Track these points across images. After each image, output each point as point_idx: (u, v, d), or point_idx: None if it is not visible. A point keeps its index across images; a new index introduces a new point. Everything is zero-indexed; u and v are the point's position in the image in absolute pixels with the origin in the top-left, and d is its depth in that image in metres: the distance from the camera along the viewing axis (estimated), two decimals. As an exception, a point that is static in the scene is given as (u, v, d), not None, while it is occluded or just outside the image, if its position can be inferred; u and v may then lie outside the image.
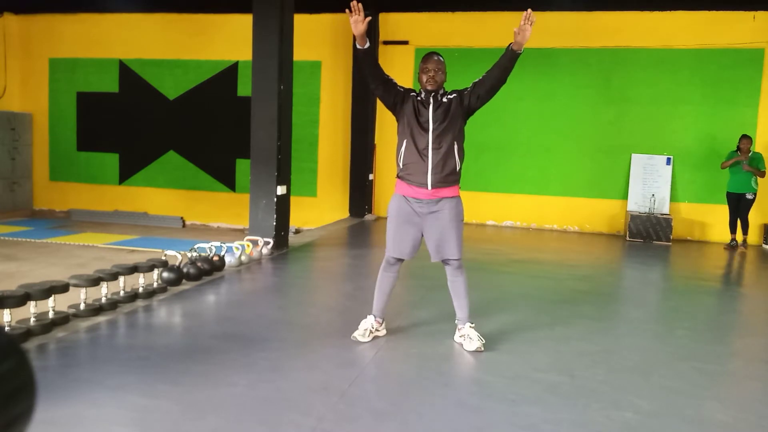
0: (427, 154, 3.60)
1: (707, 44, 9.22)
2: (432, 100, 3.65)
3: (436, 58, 3.67)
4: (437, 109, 3.63)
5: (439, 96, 3.67)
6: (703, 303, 5.53)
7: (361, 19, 3.47)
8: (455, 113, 3.64)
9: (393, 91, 3.68)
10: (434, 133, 3.60)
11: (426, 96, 3.67)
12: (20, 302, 3.52)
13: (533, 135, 9.98)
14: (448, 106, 3.64)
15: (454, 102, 3.65)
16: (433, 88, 3.65)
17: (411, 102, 3.66)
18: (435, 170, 3.59)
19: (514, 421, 2.77)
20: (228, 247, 5.88)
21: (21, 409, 0.91)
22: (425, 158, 3.60)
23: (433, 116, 3.61)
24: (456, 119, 3.65)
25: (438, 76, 3.64)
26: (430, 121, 3.61)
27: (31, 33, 11.87)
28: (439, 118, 3.61)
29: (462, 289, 3.74)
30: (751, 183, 8.37)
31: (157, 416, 2.68)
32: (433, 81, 3.63)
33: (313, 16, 10.32)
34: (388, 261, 3.81)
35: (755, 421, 2.90)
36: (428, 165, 3.60)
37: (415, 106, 3.65)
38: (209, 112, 11.18)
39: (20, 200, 11.87)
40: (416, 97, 3.68)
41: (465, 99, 3.66)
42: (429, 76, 3.63)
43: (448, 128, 3.62)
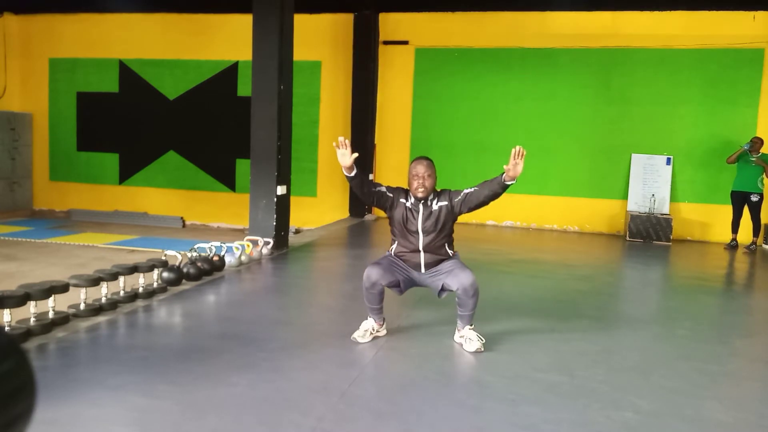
0: (419, 251, 3.74)
1: (707, 44, 9.22)
2: (422, 207, 3.71)
3: (426, 163, 3.71)
4: (427, 220, 3.69)
5: (429, 202, 3.72)
6: (703, 303, 5.53)
7: (348, 153, 3.62)
8: (446, 219, 3.73)
9: (383, 198, 3.80)
10: (425, 241, 3.71)
11: (415, 202, 3.72)
12: (20, 302, 3.52)
13: (533, 135, 9.98)
14: (437, 216, 3.70)
15: (444, 210, 3.71)
16: (424, 195, 3.69)
17: (401, 209, 3.73)
18: (427, 260, 3.75)
19: (514, 421, 2.77)
20: (228, 247, 5.89)
21: (21, 409, 0.91)
22: (417, 254, 3.74)
23: (423, 227, 3.70)
24: (446, 224, 3.75)
25: (428, 182, 3.68)
26: (419, 231, 3.71)
27: (31, 33, 11.87)
28: (429, 229, 3.70)
29: (471, 306, 3.67)
30: (757, 183, 8.36)
31: (157, 416, 2.69)
32: (423, 188, 3.67)
33: (313, 16, 10.32)
34: (369, 278, 3.67)
35: (755, 421, 2.90)
36: (421, 258, 3.75)
37: (405, 215, 3.72)
38: (209, 112, 11.18)
39: (20, 200, 11.87)
40: (405, 204, 3.74)
41: (456, 207, 3.73)
42: (419, 182, 3.67)
43: (439, 232, 3.72)
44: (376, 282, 3.67)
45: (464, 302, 3.66)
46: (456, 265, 3.72)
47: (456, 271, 3.67)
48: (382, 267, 3.71)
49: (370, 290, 3.70)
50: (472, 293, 3.61)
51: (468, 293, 3.61)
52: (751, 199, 8.42)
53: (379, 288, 3.70)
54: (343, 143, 3.62)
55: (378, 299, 3.74)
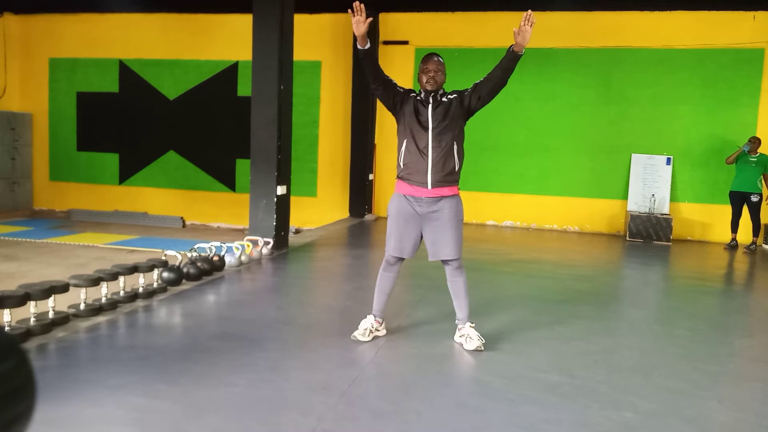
0: (427, 152, 3.61)
1: (707, 44, 9.22)
2: (432, 100, 3.66)
3: (436, 59, 3.67)
4: (437, 108, 3.64)
5: (438, 96, 3.68)
6: (703, 303, 5.53)
7: (362, 19, 3.48)
8: (455, 113, 3.65)
9: (393, 91, 3.69)
10: (434, 132, 3.61)
11: (426, 96, 3.68)
12: (20, 302, 3.52)
13: (533, 135, 9.98)
14: (448, 106, 3.65)
15: (455, 102, 3.66)
16: (433, 88, 3.65)
17: (411, 102, 3.67)
18: (435, 169, 3.60)
19: (514, 421, 2.77)
20: (228, 247, 5.88)
21: (21, 409, 0.91)
22: (425, 157, 3.61)
23: (433, 115, 3.62)
24: (456, 119, 3.65)
25: (438, 76, 3.65)
26: (429, 120, 3.62)
27: (31, 33, 11.87)
28: (439, 117, 3.62)
29: (462, 289, 3.74)
30: (756, 183, 8.36)
31: (157, 416, 2.68)
32: (433, 81, 3.64)
33: (313, 16, 10.32)
34: (388, 261, 3.81)
35: (755, 421, 2.90)
36: (428, 164, 3.61)
37: (415, 106, 3.66)
38: (209, 112, 11.18)
39: (20, 200, 11.87)
40: (416, 97, 3.69)
41: (465, 99, 3.66)
42: (429, 76, 3.64)
43: (448, 127, 3.62)
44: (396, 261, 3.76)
45: (454, 284, 3.74)
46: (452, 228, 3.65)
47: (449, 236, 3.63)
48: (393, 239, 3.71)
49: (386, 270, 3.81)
50: (457, 266, 3.69)
51: (453, 266, 3.69)
52: (750, 199, 8.42)
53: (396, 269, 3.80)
54: (358, 8, 3.48)
55: (390, 284, 3.82)
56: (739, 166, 8.50)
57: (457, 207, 3.70)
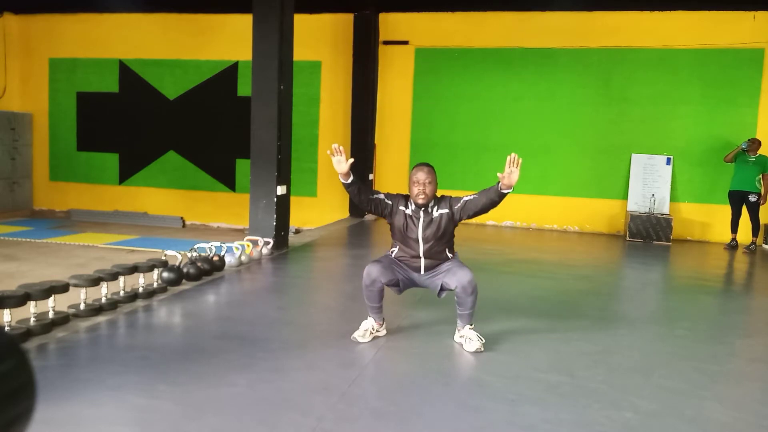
0: (419, 260, 3.75)
1: (707, 44, 9.22)
2: (422, 214, 3.70)
3: (427, 170, 3.69)
4: (427, 228, 3.68)
5: (429, 209, 3.71)
6: (703, 303, 5.53)
7: (344, 159, 3.59)
8: (446, 228, 3.72)
9: (381, 206, 3.77)
10: (425, 247, 3.71)
11: (416, 209, 3.71)
12: (20, 302, 3.52)
13: (533, 135, 9.98)
14: (438, 224, 3.69)
15: (445, 218, 3.70)
16: (424, 202, 3.68)
17: (401, 216, 3.71)
18: (427, 266, 3.76)
19: (514, 421, 2.77)
20: (228, 247, 5.89)
21: (21, 409, 0.91)
22: (418, 261, 3.75)
23: (423, 236, 3.70)
24: (446, 231, 3.74)
25: (429, 188, 3.67)
26: (420, 240, 3.70)
27: (31, 33, 11.87)
28: (430, 237, 3.69)
29: (470, 305, 3.68)
30: (755, 183, 8.36)
31: (157, 416, 2.68)
32: (424, 195, 3.66)
33: (313, 16, 10.32)
34: (369, 275, 3.68)
35: (755, 421, 2.90)
36: (421, 265, 3.76)
37: (406, 222, 3.70)
38: (209, 112, 11.18)
39: (20, 200, 11.87)
40: (405, 210, 3.72)
41: (456, 214, 3.73)
42: (420, 189, 3.65)
43: (439, 241, 3.72)
44: (376, 279, 3.67)
45: (463, 301, 3.66)
46: (455, 264, 3.75)
47: (454, 269, 3.68)
48: (383, 265, 3.72)
49: (369, 288, 3.71)
50: (471, 291, 3.62)
51: (467, 291, 3.61)
52: (749, 198, 8.42)
53: (378, 285, 3.70)
54: (337, 150, 3.60)
55: (378, 297, 3.75)
56: (738, 166, 8.50)
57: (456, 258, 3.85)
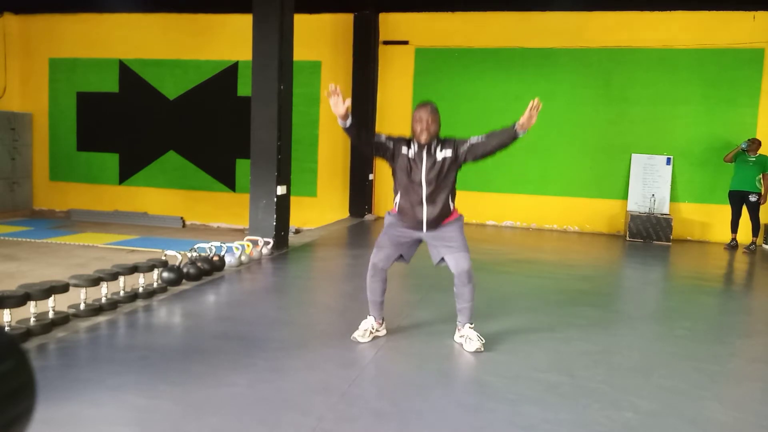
0: (422, 204, 3.65)
1: (707, 44, 9.22)
2: (425, 155, 3.62)
3: (430, 108, 3.62)
4: (431, 170, 3.61)
5: (432, 149, 3.63)
6: (703, 303, 5.53)
7: (341, 100, 3.49)
8: (449, 170, 3.65)
9: (382, 149, 3.70)
10: (428, 190, 3.63)
11: (419, 149, 3.63)
12: (20, 302, 3.52)
13: (533, 135, 9.89)
14: (441, 166, 3.62)
15: (449, 161, 3.63)
16: (427, 140, 3.61)
17: (403, 159, 3.65)
18: (429, 217, 3.67)
19: (514, 421, 2.77)
20: (228, 247, 5.88)
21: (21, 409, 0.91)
22: (420, 206, 3.65)
23: (426, 178, 3.61)
24: (449, 175, 3.67)
25: (431, 127, 3.59)
26: (423, 181, 3.62)
27: (31, 33, 11.87)
28: (433, 180, 3.62)
29: (468, 296, 3.70)
30: (755, 183, 8.35)
31: (157, 416, 2.68)
32: (427, 133, 3.59)
33: (313, 16, 10.32)
34: (375, 267, 3.75)
35: (755, 422, 2.90)
36: (423, 214, 3.66)
37: (408, 164, 3.64)
38: (209, 112, 11.18)
39: (20, 200, 11.86)
40: (408, 151, 3.65)
41: (461, 157, 3.66)
42: (422, 127, 3.59)
43: (442, 184, 3.64)
44: (382, 268, 3.72)
45: (461, 291, 3.69)
46: (457, 238, 3.67)
47: (455, 250, 3.64)
48: (385, 250, 3.72)
49: (373, 278, 3.75)
50: (467, 280, 3.63)
51: (463, 280, 3.63)
52: (749, 198, 8.42)
53: (382, 275, 3.74)
54: (335, 91, 3.49)
55: (381, 290, 3.77)
56: (738, 166, 8.50)
57: (458, 223, 3.75)
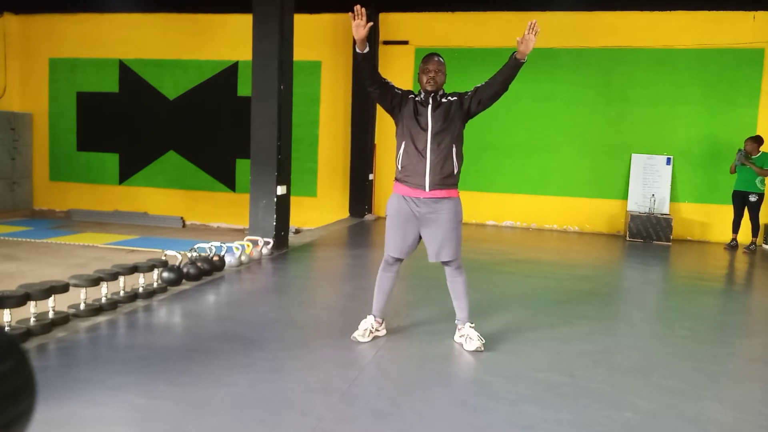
0: (426, 154, 3.58)
1: (707, 44, 9.22)
2: (431, 101, 3.64)
3: (436, 59, 3.65)
4: (436, 110, 3.62)
5: (438, 97, 3.66)
6: (703, 303, 5.53)
7: (363, 23, 3.44)
8: (455, 115, 3.63)
9: (390, 93, 3.66)
10: (433, 133, 3.59)
11: (425, 96, 3.66)
12: (20, 302, 3.52)
13: (533, 135, 9.98)
14: (447, 108, 3.63)
15: (454, 105, 3.65)
16: (433, 88, 3.63)
17: (410, 103, 3.65)
18: (433, 171, 3.58)
19: (514, 421, 2.77)
20: (228, 247, 5.88)
21: (21, 409, 0.91)
22: (423, 158, 3.58)
23: (432, 116, 3.60)
24: (455, 121, 3.64)
25: (438, 77, 3.63)
26: (429, 120, 3.60)
27: (31, 33, 11.87)
28: (439, 118, 3.60)
29: (461, 290, 3.74)
30: (756, 183, 8.34)
31: (157, 416, 2.68)
32: (433, 81, 3.62)
33: (313, 16, 10.32)
34: (388, 261, 3.80)
35: (755, 421, 2.90)
36: (426, 165, 3.58)
37: (414, 107, 3.64)
38: (209, 112, 11.18)
39: (20, 200, 11.86)
40: (415, 97, 3.67)
41: (465, 102, 3.65)
42: (429, 76, 3.62)
43: (447, 129, 3.61)
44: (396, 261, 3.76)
45: (454, 285, 3.74)
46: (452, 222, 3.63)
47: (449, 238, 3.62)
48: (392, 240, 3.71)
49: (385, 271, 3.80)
50: (456, 266, 3.69)
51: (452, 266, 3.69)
52: (749, 199, 8.42)
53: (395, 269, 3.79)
54: (359, 12, 3.44)
55: (390, 284, 3.82)
56: (740, 167, 8.50)
57: (456, 208, 3.69)
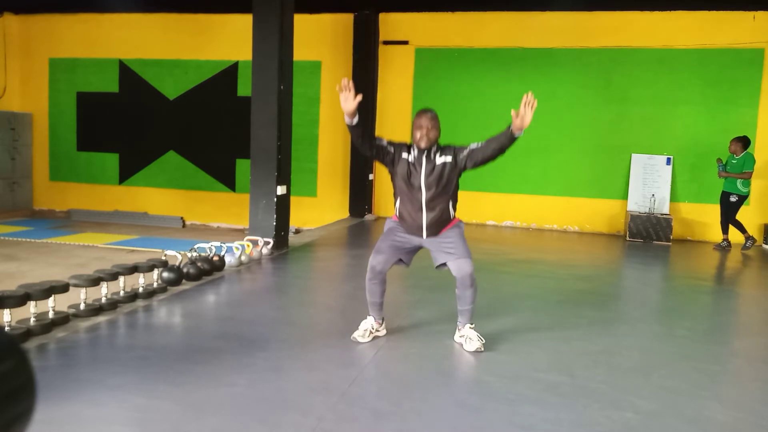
0: (422, 212, 3.65)
1: (707, 44, 9.22)
2: (425, 160, 3.62)
3: (429, 115, 3.63)
4: (430, 175, 3.60)
5: (432, 155, 3.63)
6: (703, 303, 5.53)
7: (351, 96, 3.43)
8: (450, 177, 3.64)
9: (383, 153, 3.68)
10: (427, 196, 3.62)
11: (419, 155, 3.63)
12: (20, 302, 3.52)
13: (533, 135, 9.94)
14: (441, 170, 3.61)
15: (449, 166, 3.63)
16: (426, 146, 3.60)
17: (403, 163, 3.64)
18: (430, 223, 3.67)
19: (514, 421, 2.77)
20: (228, 247, 5.88)
21: (21, 409, 0.91)
22: (420, 212, 3.65)
23: (426, 183, 3.61)
24: (450, 181, 3.66)
25: (431, 133, 3.59)
26: (422, 186, 3.62)
27: (31, 33, 11.87)
28: (432, 184, 3.61)
29: (470, 299, 3.69)
30: (737, 184, 8.34)
31: (157, 416, 2.68)
32: (426, 139, 3.59)
33: (313, 16, 10.32)
34: (373, 269, 3.72)
35: (755, 421, 2.90)
36: (423, 219, 3.66)
37: (408, 169, 3.63)
38: (209, 112, 11.18)
39: (20, 200, 11.86)
40: (408, 158, 3.64)
41: (460, 163, 3.65)
42: (422, 133, 3.58)
43: (443, 191, 3.64)
44: (380, 271, 3.70)
45: (462, 294, 3.67)
46: (458, 244, 3.65)
47: (458, 255, 3.62)
48: (384, 256, 3.70)
49: (372, 281, 3.73)
50: (470, 284, 3.62)
51: (465, 284, 3.61)
52: (729, 199, 8.44)
53: (381, 278, 3.72)
54: (346, 86, 3.44)
55: (380, 291, 3.76)
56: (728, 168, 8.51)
57: (458, 229, 3.75)
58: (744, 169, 8.22)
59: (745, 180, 8.29)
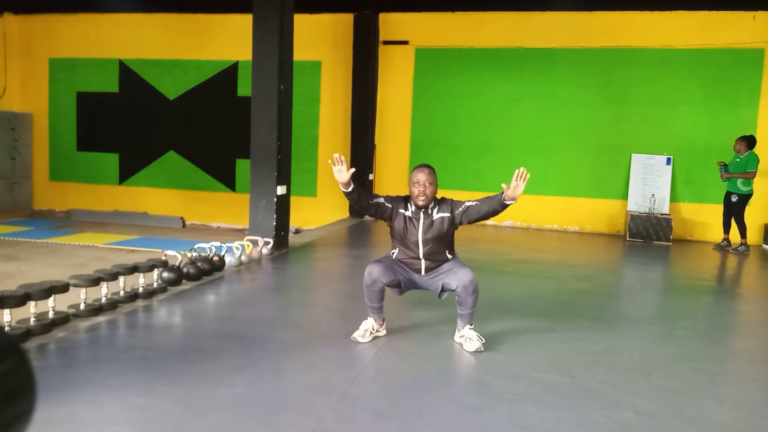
0: (419, 261, 3.75)
1: (707, 44, 9.22)
2: (422, 216, 3.69)
3: (428, 171, 3.68)
4: (427, 231, 3.67)
5: (429, 210, 3.70)
6: (703, 303, 5.53)
7: (345, 169, 3.58)
8: (447, 231, 3.72)
9: (381, 210, 3.77)
10: (425, 249, 3.71)
11: (416, 210, 3.70)
12: (20, 302, 3.52)
13: (533, 135, 9.98)
14: (439, 226, 3.68)
15: (446, 221, 3.69)
16: (424, 203, 3.67)
17: (400, 220, 3.71)
18: (427, 267, 3.77)
19: (514, 421, 2.77)
20: (228, 247, 5.89)
21: (21, 409, 0.91)
22: (418, 263, 3.76)
23: (423, 238, 3.69)
24: (447, 234, 3.74)
25: (429, 190, 3.66)
26: (420, 241, 3.70)
27: (31, 33, 11.87)
28: (429, 241, 3.69)
29: (471, 304, 3.68)
30: (738, 184, 8.33)
31: (157, 416, 2.68)
32: (425, 196, 3.65)
33: (313, 16, 10.32)
34: (371, 275, 3.70)
35: (755, 422, 2.90)
36: (421, 266, 3.76)
37: (405, 225, 3.70)
38: (209, 112, 11.18)
39: (20, 200, 11.87)
40: (405, 212, 3.72)
41: (457, 219, 3.72)
42: (420, 190, 3.64)
43: (439, 245, 3.72)
44: (377, 279, 3.68)
45: (464, 300, 3.66)
46: (455, 264, 3.75)
47: (455, 269, 3.69)
48: (384, 265, 3.72)
49: (370, 287, 3.71)
50: (472, 290, 3.62)
51: (468, 290, 3.61)
52: (731, 199, 8.43)
53: (379, 286, 3.71)
54: (338, 160, 3.59)
55: (378, 297, 3.75)
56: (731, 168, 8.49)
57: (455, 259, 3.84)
58: (747, 168, 8.20)
59: (745, 180, 8.28)
